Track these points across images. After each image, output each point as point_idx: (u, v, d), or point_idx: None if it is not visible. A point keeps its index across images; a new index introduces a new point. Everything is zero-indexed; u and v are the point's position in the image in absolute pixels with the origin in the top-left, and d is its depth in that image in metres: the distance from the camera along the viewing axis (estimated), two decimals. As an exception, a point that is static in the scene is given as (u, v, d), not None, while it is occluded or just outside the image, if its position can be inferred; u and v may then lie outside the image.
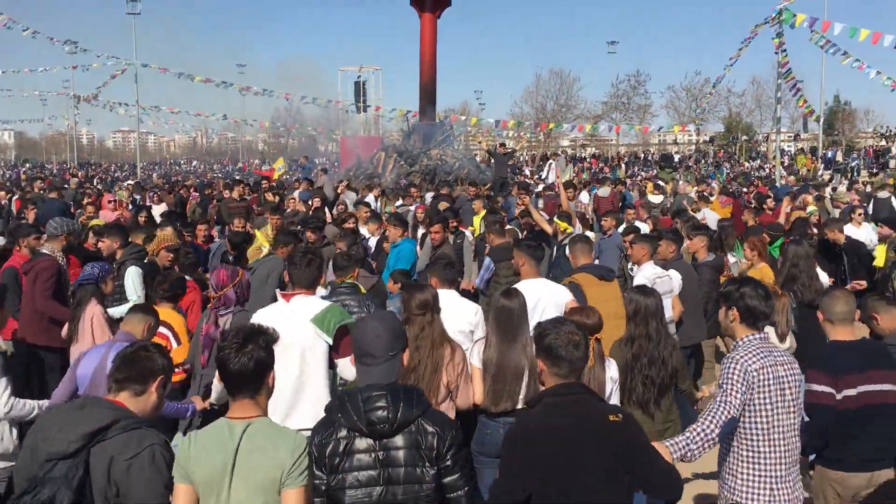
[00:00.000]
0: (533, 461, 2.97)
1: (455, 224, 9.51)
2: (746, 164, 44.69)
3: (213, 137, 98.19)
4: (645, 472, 3.03)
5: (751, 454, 3.79)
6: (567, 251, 6.32)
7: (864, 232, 11.47)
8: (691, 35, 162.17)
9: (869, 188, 24.08)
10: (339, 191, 14.60)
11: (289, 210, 12.96)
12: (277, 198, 15.47)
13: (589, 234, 10.26)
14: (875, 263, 9.58)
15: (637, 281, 6.66)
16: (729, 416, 3.74)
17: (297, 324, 4.39)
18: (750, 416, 3.77)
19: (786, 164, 42.21)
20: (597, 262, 7.75)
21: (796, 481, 3.86)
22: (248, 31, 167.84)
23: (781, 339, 6.22)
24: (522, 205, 10.52)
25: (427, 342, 4.46)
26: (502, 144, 26.00)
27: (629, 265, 8.33)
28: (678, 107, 58.72)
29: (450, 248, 8.52)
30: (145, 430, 2.94)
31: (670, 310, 6.55)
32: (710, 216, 14.40)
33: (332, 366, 4.47)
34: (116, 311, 6.22)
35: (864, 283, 8.19)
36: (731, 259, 9.32)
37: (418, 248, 9.23)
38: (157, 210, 13.71)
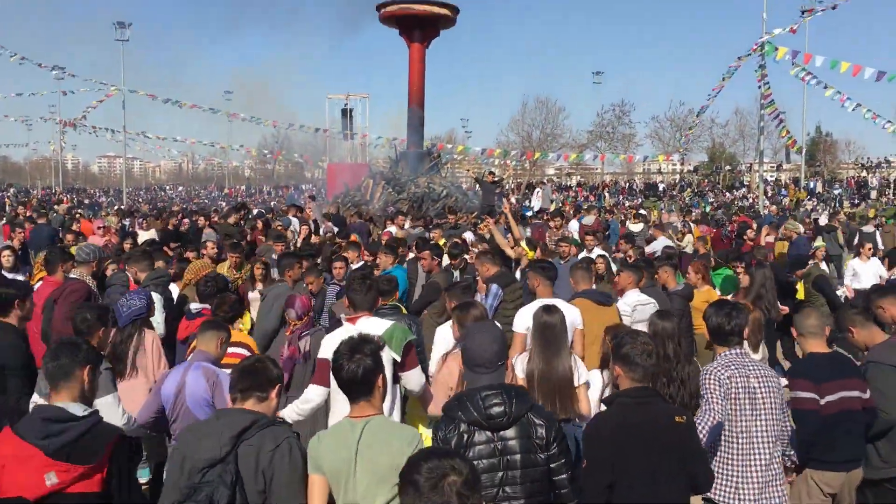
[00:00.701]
0: (613, 456, 3.46)
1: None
2: (727, 195, 45.10)
3: (200, 163, 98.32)
4: (695, 469, 3.57)
5: (723, 454, 4.24)
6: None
7: (871, 266, 11.66)
8: (675, 66, 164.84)
9: (843, 216, 24.46)
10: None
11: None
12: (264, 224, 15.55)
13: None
14: (798, 296, 9.88)
15: (620, 307, 6.93)
16: (714, 421, 4.16)
17: None
18: (728, 421, 4.21)
19: (769, 195, 42.74)
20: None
21: (769, 486, 4.21)
22: (236, 59, 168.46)
23: (754, 349, 6.57)
24: (485, 228, 10.48)
25: None
26: (490, 173, 26.15)
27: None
28: (662, 136, 59.43)
29: (442, 275, 8.57)
30: (278, 427, 3.31)
31: None
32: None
33: (395, 380, 4.75)
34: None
35: (786, 309, 8.70)
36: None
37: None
38: (145, 236, 13.72)
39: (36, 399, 4.64)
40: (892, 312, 5.35)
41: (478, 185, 24.44)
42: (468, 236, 13.14)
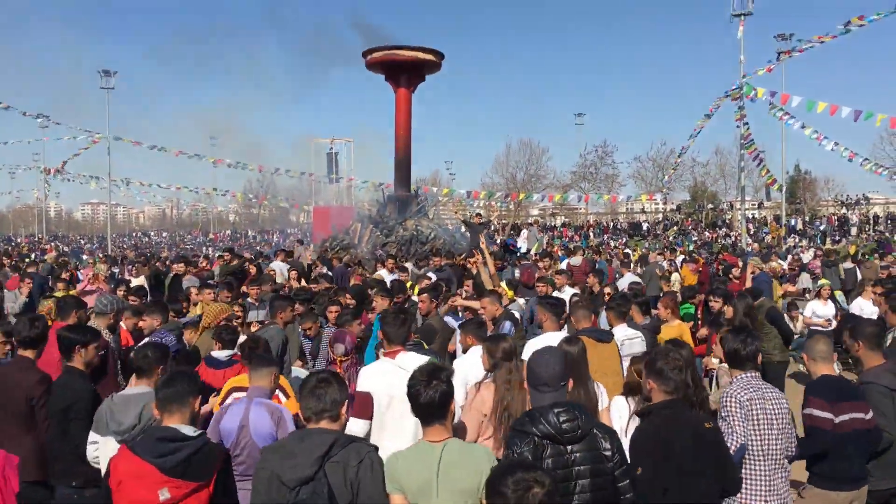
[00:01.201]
0: (662, 462, 3.85)
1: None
2: (706, 234, 45.49)
3: (185, 208, 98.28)
4: (725, 469, 4.02)
5: (749, 472, 4.49)
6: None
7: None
8: (656, 107, 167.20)
9: (813, 256, 24.82)
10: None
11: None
12: (255, 268, 15.62)
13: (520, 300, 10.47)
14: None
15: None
16: (738, 444, 4.42)
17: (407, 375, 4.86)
18: (749, 441, 4.46)
19: (751, 232, 43.21)
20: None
21: (788, 498, 4.59)
22: (221, 104, 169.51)
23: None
24: (473, 265, 10.65)
25: (516, 383, 4.96)
26: (477, 214, 26.40)
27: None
28: (645, 176, 60.05)
29: (437, 319, 8.64)
30: (358, 443, 3.54)
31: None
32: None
33: None
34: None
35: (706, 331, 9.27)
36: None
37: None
38: (135, 283, 13.70)
39: (95, 438, 4.66)
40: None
41: (464, 227, 24.59)
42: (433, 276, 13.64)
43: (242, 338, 6.94)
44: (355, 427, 4.76)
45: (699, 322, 9.97)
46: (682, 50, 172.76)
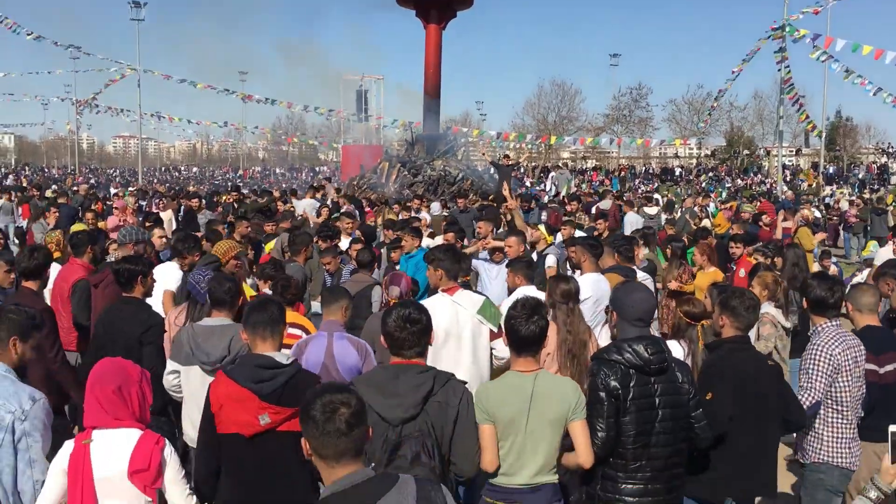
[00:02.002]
0: (733, 391, 4.07)
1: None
2: (739, 181, 44.58)
3: (214, 144, 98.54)
4: (787, 402, 4.26)
5: (832, 420, 4.57)
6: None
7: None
8: (694, 49, 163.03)
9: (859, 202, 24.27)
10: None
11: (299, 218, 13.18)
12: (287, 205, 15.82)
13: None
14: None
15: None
16: (813, 400, 4.50)
17: (465, 313, 5.11)
18: (837, 391, 4.52)
19: (787, 179, 42.33)
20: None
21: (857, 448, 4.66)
22: (251, 39, 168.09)
23: (786, 317, 6.94)
24: (507, 210, 10.49)
25: (575, 326, 5.16)
26: (506, 156, 26.01)
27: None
28: (680, 120, 58.97)
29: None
30: (453, 380, 3.58)
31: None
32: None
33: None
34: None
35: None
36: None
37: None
38: (164, 217, 13.72)
39: (175, 367, 4.65)
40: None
41: (493, 169, 24.31)
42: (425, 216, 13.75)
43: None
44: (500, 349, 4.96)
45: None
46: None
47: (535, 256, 8.89)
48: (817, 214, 21.99)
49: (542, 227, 9.72)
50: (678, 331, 5.26)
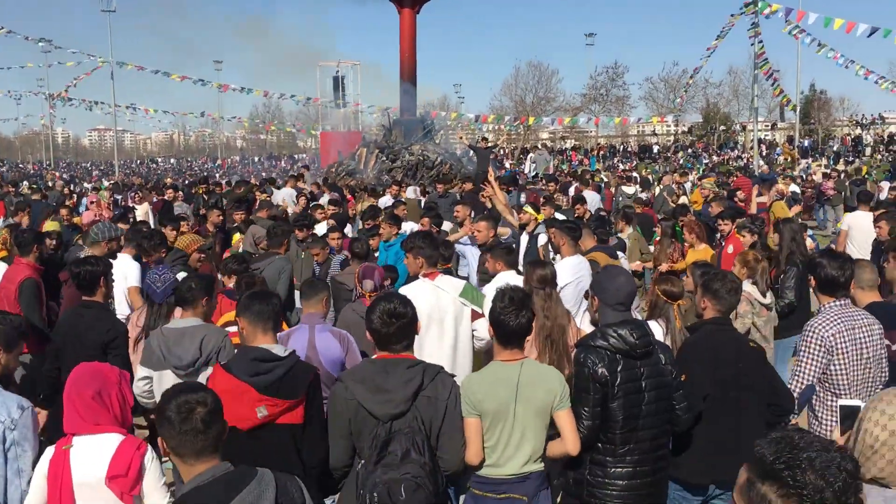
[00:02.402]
0: (709, 372, 4.05)
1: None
2: (715, 157, 44.78)
3: (191, 135, 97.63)
4: (774, 384, 4.19)
5: (834, 403, 4.34)
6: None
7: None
8: (668, 26, 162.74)
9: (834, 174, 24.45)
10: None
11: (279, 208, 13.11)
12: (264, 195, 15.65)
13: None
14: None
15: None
16: (804, 384, 4.41)
17: (447, 297, 5.13)
18: (833, 373, 4.37)
19: (763, 154, 42.62)
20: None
21: None
22: (225, 28, 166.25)
23: (763, 295, 6.78)
24: (486, 196, 10.36)
25: (552, 311, 5.10)
26: (484, 139, 25.99)
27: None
28: (656, 98, 59.07)
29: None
30: (442, 373, 3.56)
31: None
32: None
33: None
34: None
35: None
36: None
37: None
38: (140, 210, 13.66)
39: (146, 373, 4.60)
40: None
41: (472, 152, 24.34)
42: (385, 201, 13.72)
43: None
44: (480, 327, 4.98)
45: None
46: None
47: (526, 238, 8.93)
48: (795, 189, 22.14)
49: (528, 208, 9.65)
50: (655, 308, 5.24)
